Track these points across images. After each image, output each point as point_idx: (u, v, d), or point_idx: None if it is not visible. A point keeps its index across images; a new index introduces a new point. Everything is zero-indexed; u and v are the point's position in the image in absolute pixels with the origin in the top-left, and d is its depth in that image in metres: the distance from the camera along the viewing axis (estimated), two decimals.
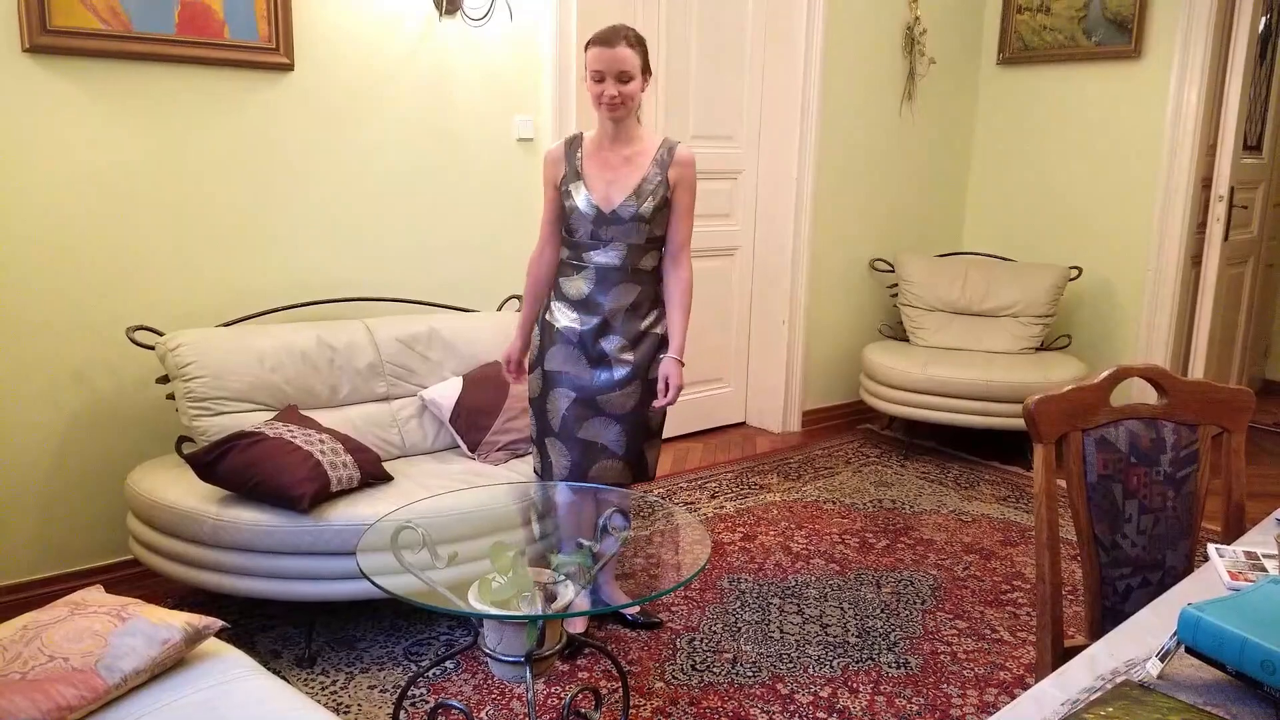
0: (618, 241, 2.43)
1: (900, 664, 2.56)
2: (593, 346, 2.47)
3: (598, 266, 2.45)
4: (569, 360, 2.49)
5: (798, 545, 3.30)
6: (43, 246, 2.64)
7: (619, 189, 2.43)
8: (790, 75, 4.29)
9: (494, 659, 1.93)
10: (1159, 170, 4.33)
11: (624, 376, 2.47)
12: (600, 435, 2.49)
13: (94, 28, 2.61)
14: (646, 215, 2.41)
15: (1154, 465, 1.57)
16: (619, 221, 2.41)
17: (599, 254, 2.45)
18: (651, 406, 2.52)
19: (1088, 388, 1.55)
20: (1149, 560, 1.57)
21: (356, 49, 3.08)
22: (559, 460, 2.52)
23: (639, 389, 2.49)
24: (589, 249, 2.45)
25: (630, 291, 2.47)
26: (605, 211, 2.42)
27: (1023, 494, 3.85)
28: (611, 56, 2.32)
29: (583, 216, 2.43)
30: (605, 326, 2.46)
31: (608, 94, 2.34)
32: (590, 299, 2.46)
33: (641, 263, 2.47)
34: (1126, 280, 4.51)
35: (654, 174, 2.43)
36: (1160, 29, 4.31)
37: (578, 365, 2.48)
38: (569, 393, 2.48)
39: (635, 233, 2.42)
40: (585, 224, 2.43)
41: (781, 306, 4.49)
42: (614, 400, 2.48)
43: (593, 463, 2.49)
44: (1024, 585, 3.04)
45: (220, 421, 2.62)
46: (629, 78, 2.35)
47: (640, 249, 2.45)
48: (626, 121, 2.43)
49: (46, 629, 1.60)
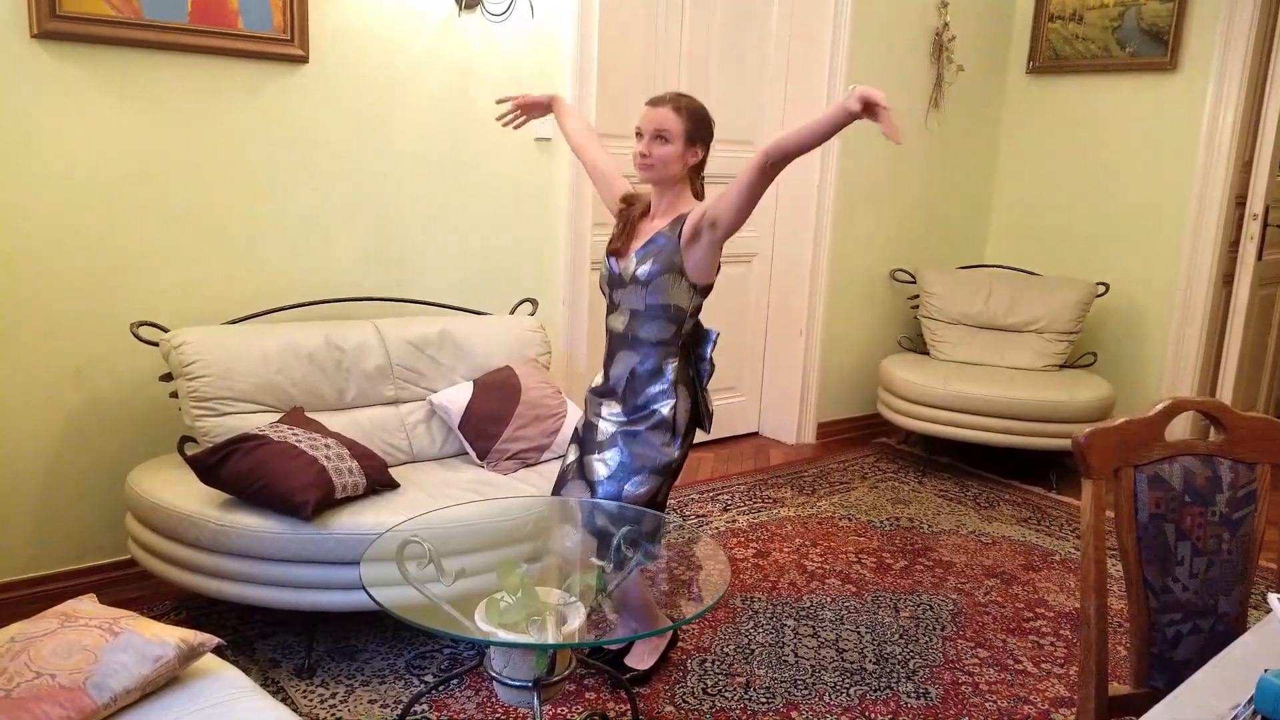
0: (623, 306, 2.30)
1: (920, 694, 2.46)
2: (594, 403, 2.37)
3: (609, 331, 2.37)
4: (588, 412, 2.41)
5: (812, 564, 3.21)
6: (46, 238, 2.56)
7: (628, 251, 2.31)
8: (814, 79, 4.20)
9: (500, 683, 1.85)
10: (1192, 186, 4.23)
11: (605, 440, 2.30)
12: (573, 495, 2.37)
13: (105, 14, 2.54)
14: (643, 278, 2.23)
15: (1209, 505, 1.48)
16: (622, 285, 2.30)
17: (612, 319, 2.35)
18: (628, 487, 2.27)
19: (1141, 421, 1.45)
20: (1201, 606, 1.48)
21: (373, 42, 3.01)
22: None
23: (617, 459, 2.28)
24: (608, 312, 2.37)
25: (629, 360, 2.29)
26: (616, 272, 2.32)
27: (1045, 516, 3.75)
28: (653, 115, 2.23)
29: (603, 278, 2.38)
30: (610, 392, 2.34)
31: (638, 151, 2.24)
32: (605, 365, 2.38)
33: (641, 331, 2.27)
34: (1155, 298, 4.40)
35: (662, 236, 2.25)
36: (1198, 41, 4.20)
37: (580, 423, 2.42)
38: (576, 447, 2.40)
39: (635, 296, 2.25)
40: (604, 286, 2.37)
41: (799, 315, 4.40)
42: (591, 464, 2.31)
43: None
44: (1047, 613, 2.94)
45: (224, 422, 2.54)
46: (666, 139, 2.22)
47: (641, 316, 2.26)
48: (668, 191, 2.29)
49: (35, 642, 1.52)
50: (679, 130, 2.23)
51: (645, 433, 2.28)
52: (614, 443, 2.29)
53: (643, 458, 2.28)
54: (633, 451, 2.28)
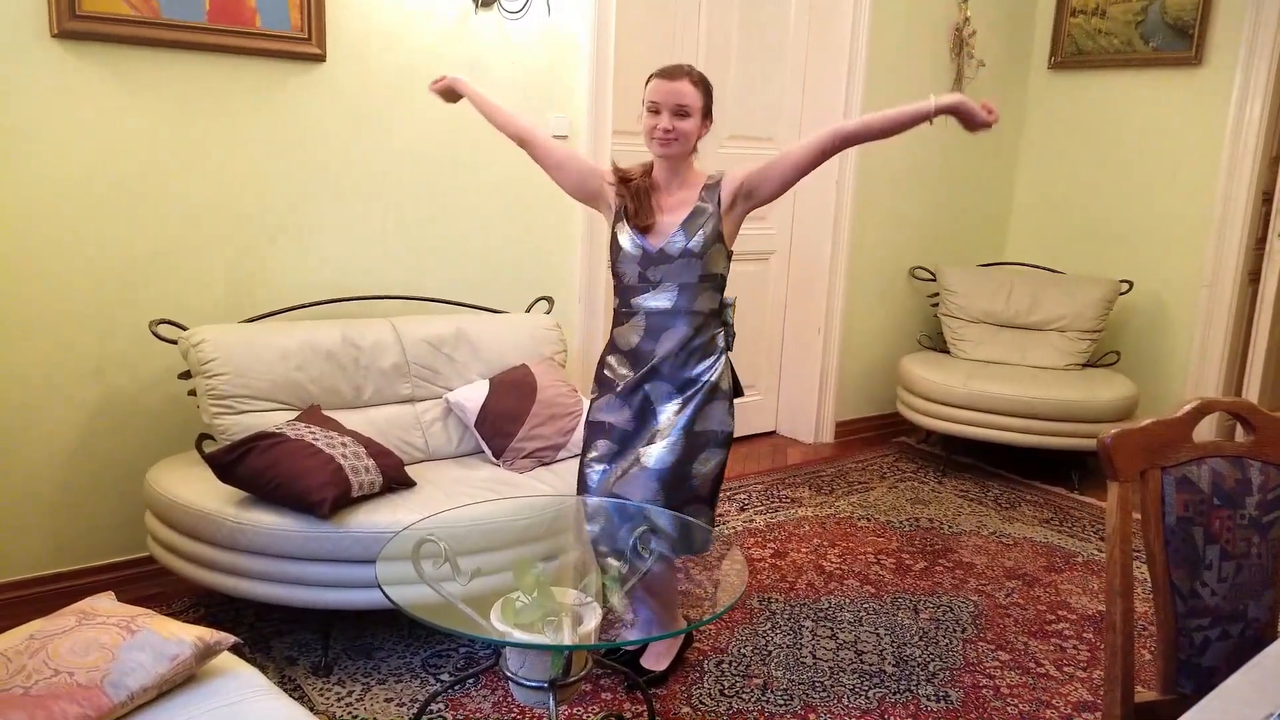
0: (668, 282, 2.24)
1: (940, 697, 2.44)
2: (635, 395, 2.28)
3: (647, 312, 2.26)
4: (611, 410, 2.30)
5: (831, 564, 3.18)
6: (67, 237, 2.58)
7: (668, 224, 2.25)
8: (833, 75, 4.16)
9: (516, 683, 1.84)
10: (1217, 182, 4.16)
11: (665, 426, 2.25)
12: (635, 492, 2.23)
13: (124, 14, 2.55)
14: (697, 250, 2.21)
15: (1238, 508, 1.45)
16: (666, 260, 2.23)
17: (649, 298, 2.26)
18: (696, 465, 2.26)
19: (1169, 422, 1.42)
20: (1230, 611, 1.45)
21: (390, 40, 3.00)
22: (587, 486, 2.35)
23: (682, 441, 2.25)
24: (639, 293, 2.26)
25: (679, 335, 2.25)
26: (652, 250, 2.24)
27: (1067, 516, 3.71)
28: (671, 89, 2.18)
29: (629, 258, 2.26)
30: (654, 374, 2.27)
31: (661, 127, 2.18)
32: (638, 349, 2.27)
33: (696, 304, 2.25)
34: (1180, 296, 4.34)
35: (704, 205, 2.24)
36: (1223, 35, 4.14)
37: (620, 415, 2.29)
38: (611, 444, 2.30)
39: (687, 271, 2.22)
40: (632, 266, 2.25)
41: (817, 313, 4.37)
42: (653, 452, 2.24)
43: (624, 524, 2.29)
44: (1069, 616, 2.90)
45: (242, 420, 2.54)
46: (686, 114, 2.19)
47: (694, 288, 2.24)
48: (681, 164, 2.27)
49: (53, 639, 1.52)
50: (698, 104, 2.21)
51: (707, 407, 2.28)
52: (676, 424, 2.25)
53: (708, 434, 2.27)
54: (697, 429, 2.26)
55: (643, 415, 2.29)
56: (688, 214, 2.24)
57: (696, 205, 2.25)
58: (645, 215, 2.26)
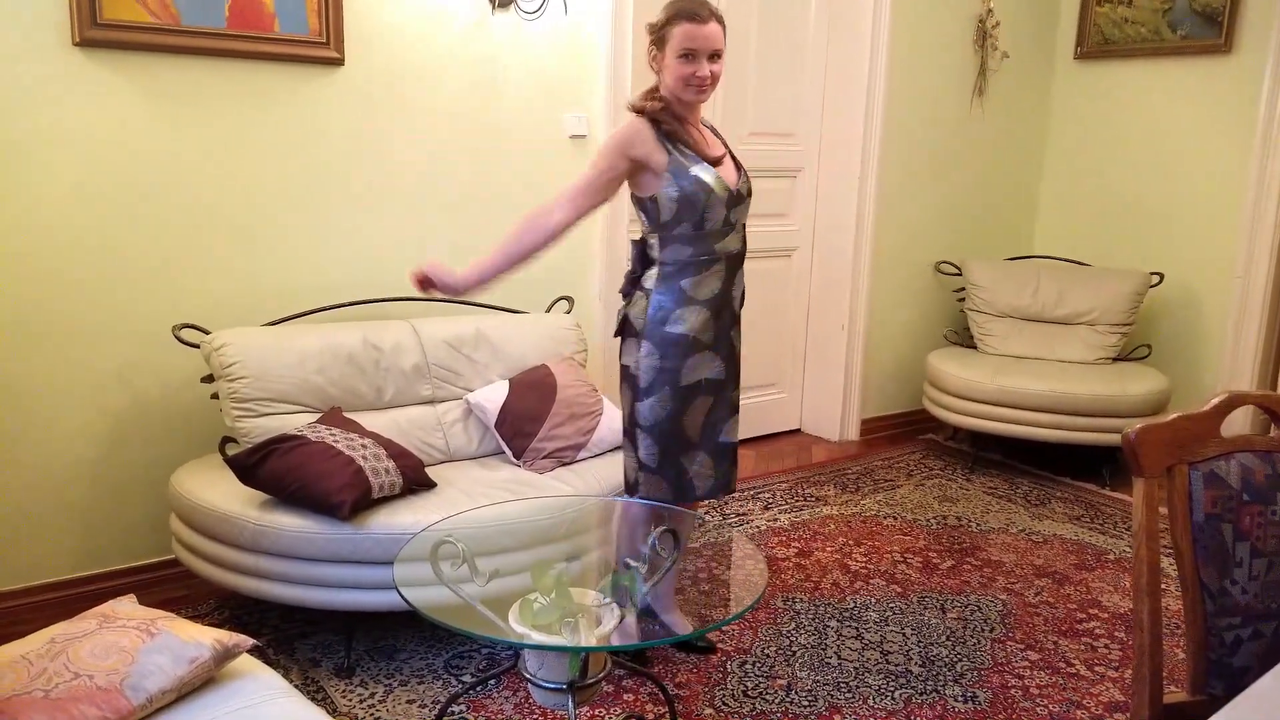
0: (740, 223, 2.31)
1: (968, 698, 2.40)
2: (723, 343, 2.34)
3: (729, 255, 2.28)
4: (706, 364, 2.32)
5: (856, 563, 3.15)
6: (89, 243, 2.60)
7: (730, 166, 2.30)
8: (855, 69, 4.12)
9: (535, 684, 1.83)
10: (1249, 171, 4.08)
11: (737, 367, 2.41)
12: (736, 434, 2.45)
13: (144, 21, 2.57)
14: (749, 192, 2.33)
15: (1269, 504, 1.41)
16: (742, 201, 2.29)
17: (731, 240, 2.28)
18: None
19: (1196, 416, 1.39)
20: (1261, 610, 1.41)
21: (408, 43, 3.01)
22: (701, 475, 2.37)
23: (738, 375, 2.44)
24: (721, 237, 2.25)
25: (742, 276, 2.38)
26: (735, 191, 2.26)
27: (1098, 513, 3.65)
28: (705, 34, 2.16)
29: (718, 200, 2.21)
30: (734, 319, 2.36)
31: (700, 74, 2.17)
32: (721, 294, 2.29)
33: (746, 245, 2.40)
34: (1212, 288, 4.26)
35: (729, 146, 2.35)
36: (1253, 22, 4.05)
37: (714, 368, 2.34)
38: (708, 398, 2.34)
39: (746, 210, 2.33)
40: (719, 208, 2.22)
41: (841, 310, 4.33)
42: (737, 394, 2.43)
43: (734, 466, 2.44)
44: (1100, 614, 2.85)
45: (264, 423, 2.56)
46: (719, 56, 2.19)
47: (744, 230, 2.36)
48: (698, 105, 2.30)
49: (74, 643, 1.53)
50: (724, 44, 2.23)
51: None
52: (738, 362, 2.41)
53: None
54: None
55: (733, 359, 2.38)
56: (732, 155, 2.31)
57: (728, 147, 2.32)
58: (706, 146, 2.27)
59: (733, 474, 2.48)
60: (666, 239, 2.25)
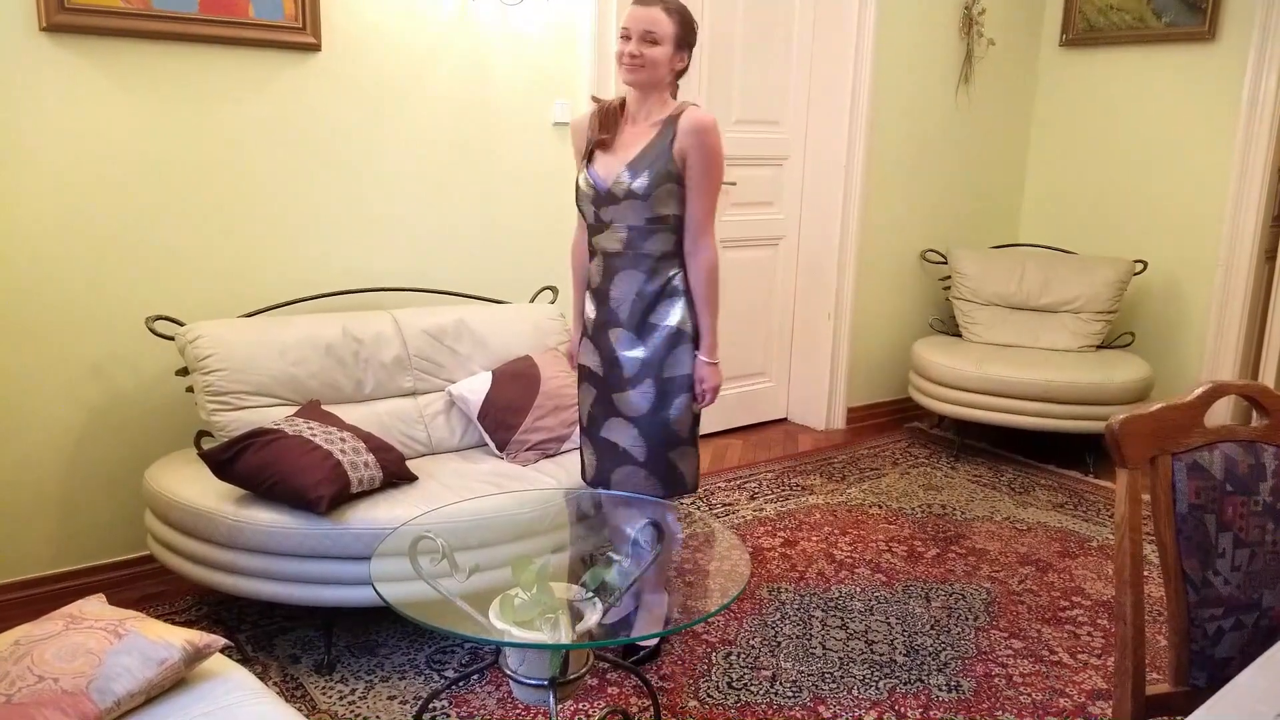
0: (618, 223, 2.21)
1: (952, 687, 2.39)
2: (602, 339, 2.31)
3: (603, 252, 2.26)
4: (587, 353, 2.37)
5: (841, 553, 3.14)
6: (59, 234, 2.55)
7: (615, 165, 2.21)
8: (841, 56, 4.09)
9: (516, 681, 1.81)
10: (1232, 159, 4.07)
11: (634, 374, 2.26)
12: (620, 438, 2.31)
13: (114, 6, 2.52)
14: (640, 191, 2.15)
15: (1252, 494, 1.40)
16: (614, 200, 2.20)
17: (603, 238, 2.25)
18: (672, 411, 2.27)
19: (1179, 406, 1.37)
20: (1244, 600, 1.40)
21: (387, 29, 2.96)
22: (586, 460, 2.42)
23: (653, 389, 2.26)
24: (596, 232, 2.27)
25: (633, 279, 2.23)
26: (601, 190, 2.21)
27: (1082, 500, 3.65)
28: (642, 15, 2.15)
29: (583, 196, 2.25)
30: (613, 319, 2.28)
31: (628, 52, 2.15)
32: (600, 289, 2.29)
33: (645, 247, 2.21)
34: (1195, 275, 4.26)
35: (657, 143, 2.17)
36: (1237, 9, 4.04)
37: (593, 359, 2.35)
38: (591, 389, 2.36)
39: (633, 212, 2.18)
40: (587, 205, 2.26)
41: (827, 298, 4.31)
42: (627, 399, 2.28)
43: (614, 466, 2.33)
44: (1084, 602, 2.85)
45: (240, 416, 2.52)
46: (655, 41, 2.15)
47: (643, 231, 2.20)
48: (650, 96, 2.21)
49: (39, 645, 1.50)
50: (669, 33, 2.17)
51: (672, 353, 2.25)
52: (646, 371, 2.26)
53: (678, 380, 2.27)
54: (666, 375, 2.26)
55: (610, 361, 2.30)
56: (637, 152, 2.20)
57: (649, 141, 2.20)
58: (605, 129, 2.24)
59: (614, 469, 2.32)
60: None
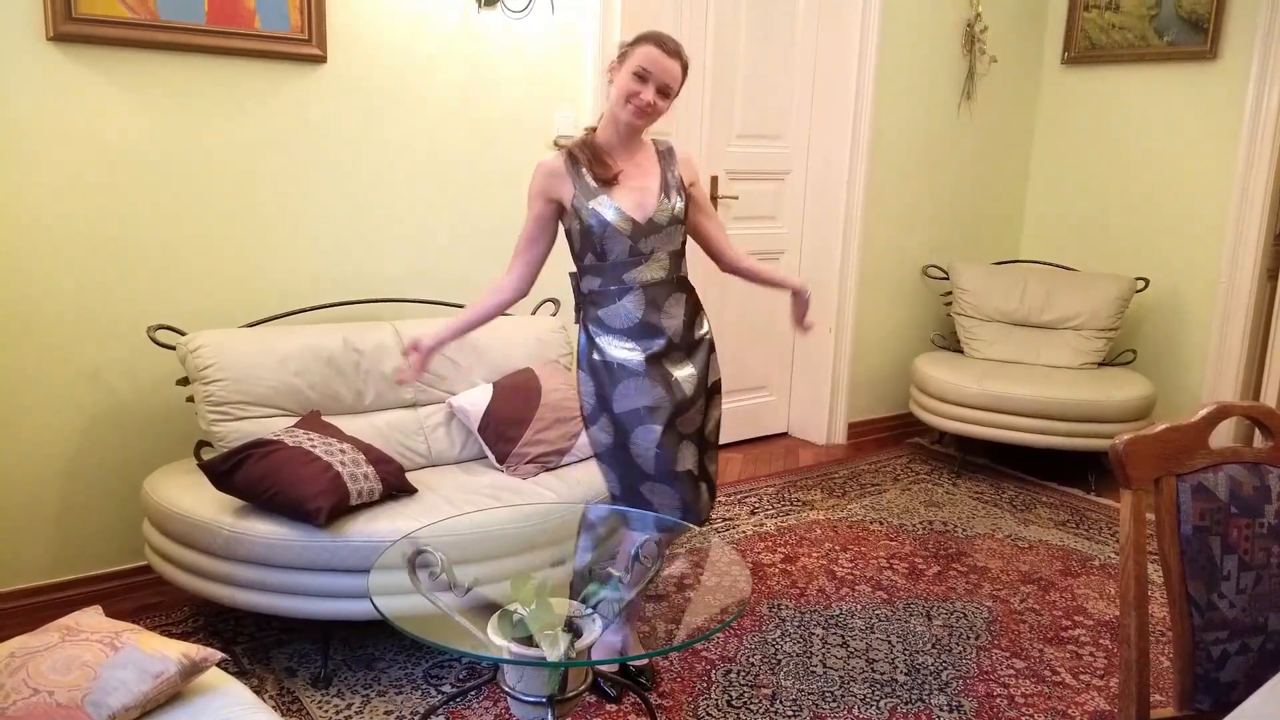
0: (659, 251, 2.22)
1: (953, 707, 2.38)
2: (659, 370, 2.23)
3: (645, 285, 2.22)
4: (642, 393, 2.22)
5: (842, 569, 3.12)
6: (62, 242, 2.55)
7: (648, 194, 2.22)
8: (843, 72, 4.10)
9: (514, 698, 1.79)
10: (1234, 177, 4.08)
11: (693, 394, 2.28)
12: (690, 463, 2.28)
13: (121, 16, 2.52)
14: (681, 216, 2.25)
15: (1257, 516, 1.39)
16: (656, 230, 2.21)
17: (642, 270, 2.21)
18: (718, 413, 2.40)
19: (1184, 427, 1.36)
20: (1249, 624, 1.39)
21: (392, 40, 2.97)
22: (667, 505, 2.25)
23: (704, 400, 2.33)
24: (630, 267, 2.20)
25: (680, 303, 2.27)
26: (641, 221, 2.20)
27: (1084, 519, 3.63)
28: (665, 66, 2.15)
29: (617, 233, 2.18)
30: (670, 347, 2.24)
31: (645, 98, 2.14)
32: (644, 322, 2.22)
33: (681, 269, 2.29)
34: (1197, 293, 4.25)
35: (665, 172, 2.26)
36: (1239, 28, 4.05)
37: (653, 395, 2.21)
38: (653, 426, 2.20)
39: (671, 239, 2.24)
40: (620, 240, 2.19)
41: (828, 313, 4.30)
42: (688, 420, 2.28)
43: (698, 496, 2.29)
44: (1086, 621, 2.83)
45: (240, 427, 2.51)
46: (669, 93, 2.17)
47: (678, 254, 2.27)
48: (636, 135, 2.25)
49: (34, 657, 1.49)
50: (678, 86, 2.21)
51: (710, 359, 2.36)
52: (700, 388, 2.31)
53: (715, 384, 2.40)
54: (710, 382, 2.37)
55: (668, 387, 2.26)
56: (658, 181, 2.24)
57: (659, 171, 2.26)
58: (608, 168, 2.21)
59: (697, 502, 2.30)
60: (581, 270, 2.29)
